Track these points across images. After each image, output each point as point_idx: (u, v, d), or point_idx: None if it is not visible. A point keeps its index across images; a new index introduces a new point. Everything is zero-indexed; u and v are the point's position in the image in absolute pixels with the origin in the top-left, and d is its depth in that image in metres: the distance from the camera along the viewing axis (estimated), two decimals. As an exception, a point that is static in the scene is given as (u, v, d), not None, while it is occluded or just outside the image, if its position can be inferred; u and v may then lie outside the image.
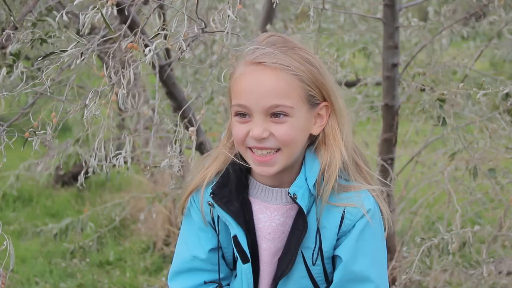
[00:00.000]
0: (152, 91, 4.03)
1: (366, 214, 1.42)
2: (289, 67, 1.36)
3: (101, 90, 1.58)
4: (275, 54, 1.36)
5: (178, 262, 1.56)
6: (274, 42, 1.40)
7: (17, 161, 3.96)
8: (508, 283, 2.71)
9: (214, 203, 1.45)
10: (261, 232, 1.48)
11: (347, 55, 3.84)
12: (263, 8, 4.53)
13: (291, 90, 1.36)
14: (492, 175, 2.55)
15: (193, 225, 1.54)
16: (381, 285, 1.45)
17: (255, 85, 1.36)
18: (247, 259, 1.46)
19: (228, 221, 1.45)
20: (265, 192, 1.48)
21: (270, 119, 1.37)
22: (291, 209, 1.47)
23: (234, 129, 1.42)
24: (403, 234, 3.43)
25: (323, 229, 1.44)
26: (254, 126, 1.37)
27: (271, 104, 1.35)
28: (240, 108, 1.38)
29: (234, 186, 1.47)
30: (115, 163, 1.69)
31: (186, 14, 1.51)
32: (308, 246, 1.45)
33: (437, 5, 3.88)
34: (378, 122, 3.67)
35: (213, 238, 1.53)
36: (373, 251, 1.46)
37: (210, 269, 1.54)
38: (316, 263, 1.45)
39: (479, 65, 4.95)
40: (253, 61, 1.37)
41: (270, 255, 1.49)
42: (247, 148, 1.41)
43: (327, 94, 1.42)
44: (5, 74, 1.77)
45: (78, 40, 1.52)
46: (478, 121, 2.64)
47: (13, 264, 1.62)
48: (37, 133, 1.61)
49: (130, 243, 4.33)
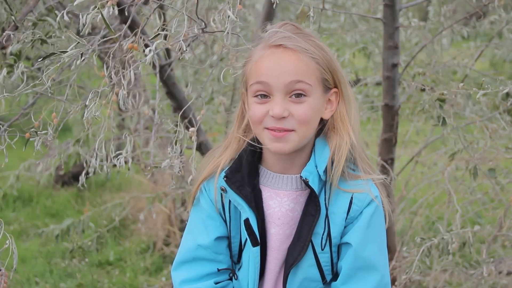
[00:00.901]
0: (153, 91, 4.04)
1: (375, 199, 1.46)
2: (307, 50, 1.41)
3: (102, 91, 1.58)
4: (294, 37, 1.42)
5: (182, 252, 1.58)
6: (290, 29, 1.45)
7: (17, 161, 3.97)
8: (508, 283, 2.71)
9: (227, 186, 1.48)
10: (270, 218, 1.51)
11: (347, 55, 3.84)
12: (263, 8, 4.53)
13: (309, 70, 1.41)
14: (492, 175, 2.55)
15: (201, 213, 1.56)
16: (385, 274, 1.49)
17: (276, 64, 1.41)
18: (257, 242, 1.48)
19: (241, 204, 1.48)
20: (275, 179, 1.52)
21: (289, 99, 1.41)
22: (301, 196, 1.50)
23: (252, 109, 1.45)
24: (403, 234, 3.44)
25: (332, 214, 1.47)
26: (274, 105, 1.40)
27: (291, 79, 1.40)
28: (260, 86, 1.42)
29: (246, 173, 1.50)
30: (116, 163, 1.69)
31: (186, 14, 1.51)
32: (317, 232, 1.47)
33: (437, 5, 3.88)
34: (378, 122, 3.67)
35: (221, 226, 1.55)
36: (380, 239, 1.51)
37: (213, 259, 1.55)
38: (324, 249, 1.48)
39: (479, 65, 4.96)
40: (273, 44, 1.42)
41: (279, 241, 1.51)
42: (264, 129, 1.44)
43: (338, 80, 1.48)
44: (6, 75, 1.77)
45: (78, 40, 1.52)
46: (478, 121, 2.65)
47: (16, 263, 1.63)
48: (39, 133, 1.61)
49: (130, 243, 4.33)
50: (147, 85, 3.90)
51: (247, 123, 1.54)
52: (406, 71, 2.93)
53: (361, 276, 1.47)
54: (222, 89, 3.68)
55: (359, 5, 4.26)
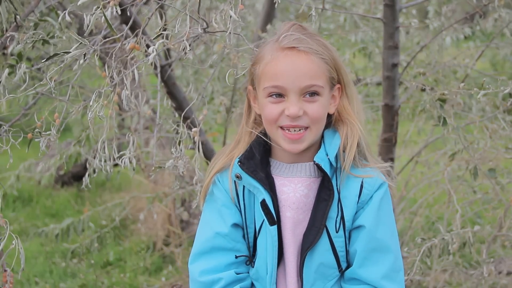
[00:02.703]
0: (153, 91, 4.04)
1: (386, 180, 1.54)
2: (317, 51, 1.48)
3: (103, 91, 1.58)
4: (306, 39, 1.49)
5: (199, 243, 1.58)
6: (299, 30, 1.51)
7: (16, 161, 3.96)
8: (508, 283, 2.72)
9: (242, 172, 1.53)
10: (285, 202, 1.55)
11: (347, 55, 3.84)
12: (263, 8, 4.54)
13: (321, 71, 1.49)
14: (492, 175, 2.56)
15: (216, 203, 1.59)
16: (398, 256, 1.54)
17: (291, 67, 1.47)
18: (274, 221, 1.51)
19: (256, 187, 1.52)
20: (288, 169, 1.57)
21: (303, 99, 1.48)
22: (314, 183, 1.55)
23: (266, 109, 1.51)
24: (403, 234, 3.44)
25: (344, 199, 1.52)
26: (290, 105, 1.48)
27: (306, 84, 1.47)
28: (276, 89, 1.49)
29: (258, 160, 1.55)
30: (120, 163, 1.69)
31: (189, 15, 1.51)
32: (331, 216, 1.51)
33: (437, 5, 3.88)
34: (378, 122, 3.67)
35: (236, 213, 1.57)
36: (391, 222, 1.56)
37: (231, 248, 1.56)
38: (339, 232, 1.52)
39: (479, 65, 4.96)
40: (285, 46, 1.48)
41: (293, 224, 1.54)
42: (279, 128, 1.51)
43: (342, 77, 1.55)
44: (7, 75, 1.76)
45: (80, 41, 1.51)
46: (478, 121, 2.65)
47: (23, 263, 1.63)
48: (43, 133, 1.61)
49: (130, 243, 4.33)
50: (147, 85, 3.90)
51: (255, 118, 1.61)
52: (406, 71, 2.93)
53: (376, 258, 1.52)
54: (222, 89, 3.68)
55: (359, 5, 4.26)
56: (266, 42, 1.56)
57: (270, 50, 1.50)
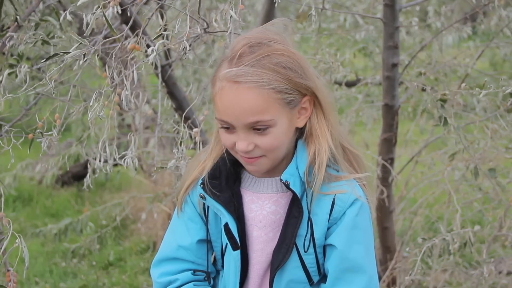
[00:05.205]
0: (153, 91, 4.04)
1: (360, 198, 1.44)
2: (263, 82, 1.35)
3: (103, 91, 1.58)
4: (249, 73, 1.35)
5: (163, 251, 1.57)
6: (248, 53, 1.37)
7: (16, 161, 3.95)
8: (508, 283, 2.72)
9: (204, 194, 1.47)
10: (252, 221, 1.50)
11: (347, 55, 3.84)
12: (262, 8, 4.53)
13: (268, 104, 1.36)
14: (492, 175, 2.56)
15: (183, 215, 1.56)
16: (374, 275, 1.46)
17: (233, 103, 1.36)
18: (237, 246, 1.47)
19: (219, 210, 1.47)
20: (257, 183, 1.51)
21: (254, 131, 1.38)
22: (282, 198, 1.49)
23: (222, 137, 1.44)
24: (403, 234, 3.44)
25: (314, 216, 1.45)
26: (238, 140, 1.39)
27: (250, 121, 1.36)
28: (224, 123, 1.40)
29: (224, 178, 1.49)
30: (122, 163, 1.69)
31: (189, 15, 1.51)
32: (300, 234, 1.45)
33: (437, 5, 3.88)
34: (378, 122, 3.67)
35: (202, 229, 1.54)
36: (367, 240, 1.48)
37: (193, 261, 1.54)
38: (308, 251, 1.46)
39: (479, 65, 4.96)
40: (229, 79, 1.36)
41: (261, 244, 1.50)
42: (236, 153, 1.44)
43: (308, 89, 1.42)
44: (8, 76, 1.76)
45: (81, 41, 1.51)
46: (478, 121, 2.65)
47: (27, 262, 1.63)
48: (44, 134, 1.61)
49: (130, 243, 4.33)
50: (148, 85, 3.90)
51: None
52: (406, 71, 2.93)
53: (348, 278, 1.45)
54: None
55: (358, 4, 4.26)
56: (224, 58, 1.42)
57: (220, 76, 1.38)
